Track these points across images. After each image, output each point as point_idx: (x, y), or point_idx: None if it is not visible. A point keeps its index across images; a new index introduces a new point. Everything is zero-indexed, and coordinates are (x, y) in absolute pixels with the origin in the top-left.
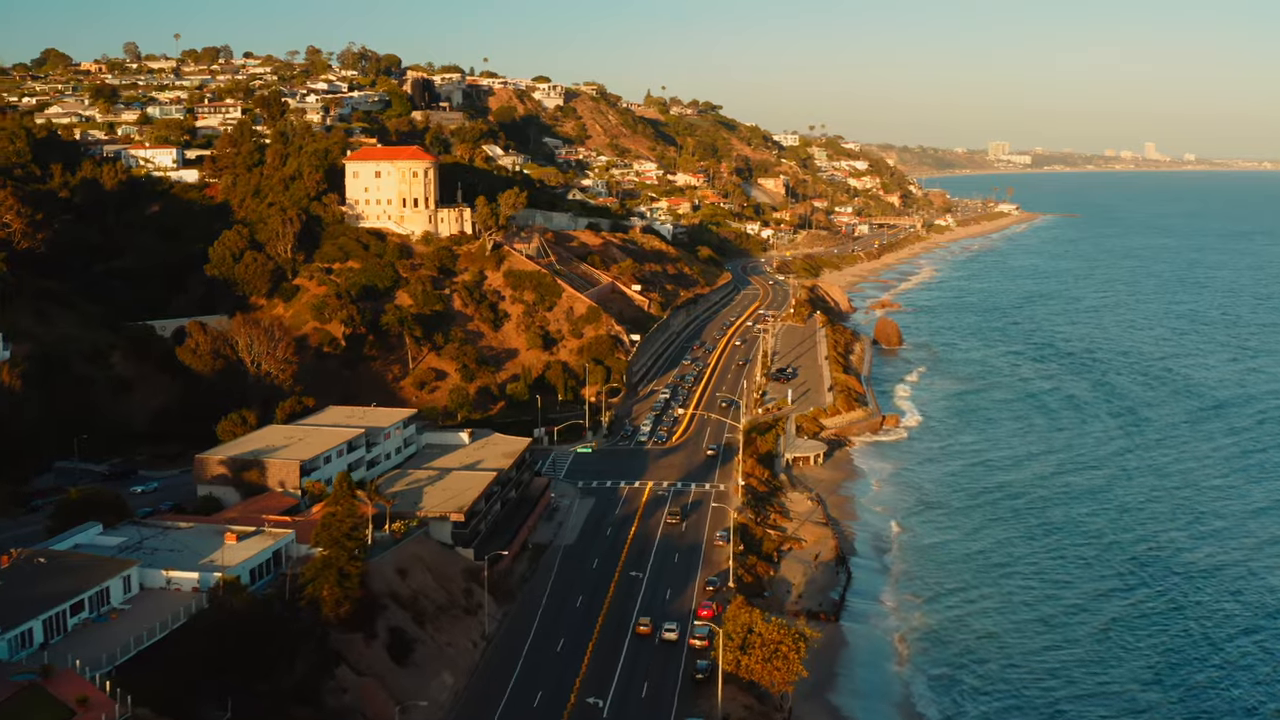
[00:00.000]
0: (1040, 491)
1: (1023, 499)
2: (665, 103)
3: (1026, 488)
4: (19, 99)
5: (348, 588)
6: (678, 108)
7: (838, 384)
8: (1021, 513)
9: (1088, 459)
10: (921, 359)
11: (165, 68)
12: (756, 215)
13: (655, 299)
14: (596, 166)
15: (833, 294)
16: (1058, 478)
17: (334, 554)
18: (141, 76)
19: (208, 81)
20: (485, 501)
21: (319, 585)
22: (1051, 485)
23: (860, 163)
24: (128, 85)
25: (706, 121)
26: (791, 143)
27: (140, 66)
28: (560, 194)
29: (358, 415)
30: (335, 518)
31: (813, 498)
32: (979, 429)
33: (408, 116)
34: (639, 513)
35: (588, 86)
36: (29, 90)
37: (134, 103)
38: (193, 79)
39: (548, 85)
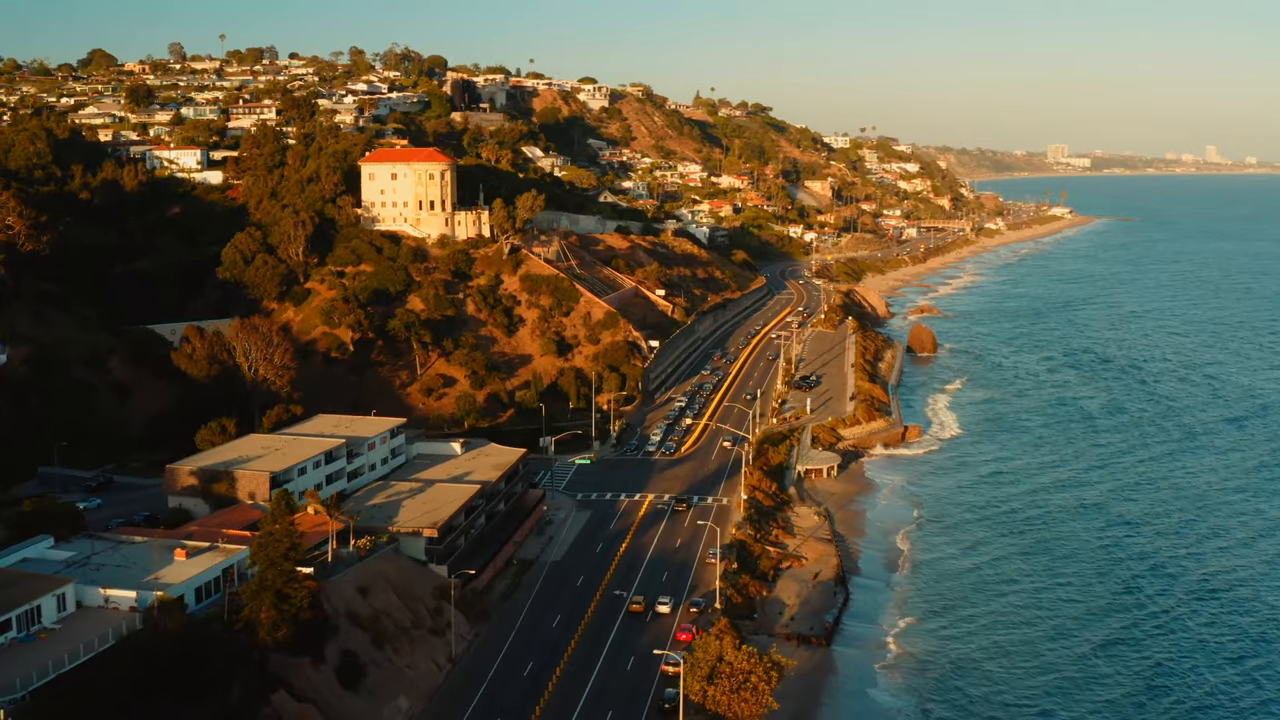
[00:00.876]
0: (1061, 508)
1: (1042, 516)
2: (714, 104)
3: (1047, 504)
4: (57, 99)
5: (285, 610)
6: (726, 109)
7: (860, 393)
8: (1039, 531)
9: (1115, 474)
10: (955, 366)
11: (208, 68)
12: (800, 218)
13: (680, 304)
14: (640, 168)
15: (870, 299)
16: (1080, 494)
17: (270, 575)
18: (183, 77)
19: (248, 82)
20: (465, 516)
21: (256, 607)
22: (1073, 502)
23: (911, 165)
24: (168, 86)
25: (755, 123)
26: (842, 145)
27: (184, 67)
28: (591, 196)
29: (344, 424)
30: (272, 537)
31: (820, 512)
32: (1005, 440)
33: (446, 118)
34: (633, 528)
35: (634, 88)
36: (69, 91)
37: (170, 103)
38: (233, 80)
39: (593, 87)
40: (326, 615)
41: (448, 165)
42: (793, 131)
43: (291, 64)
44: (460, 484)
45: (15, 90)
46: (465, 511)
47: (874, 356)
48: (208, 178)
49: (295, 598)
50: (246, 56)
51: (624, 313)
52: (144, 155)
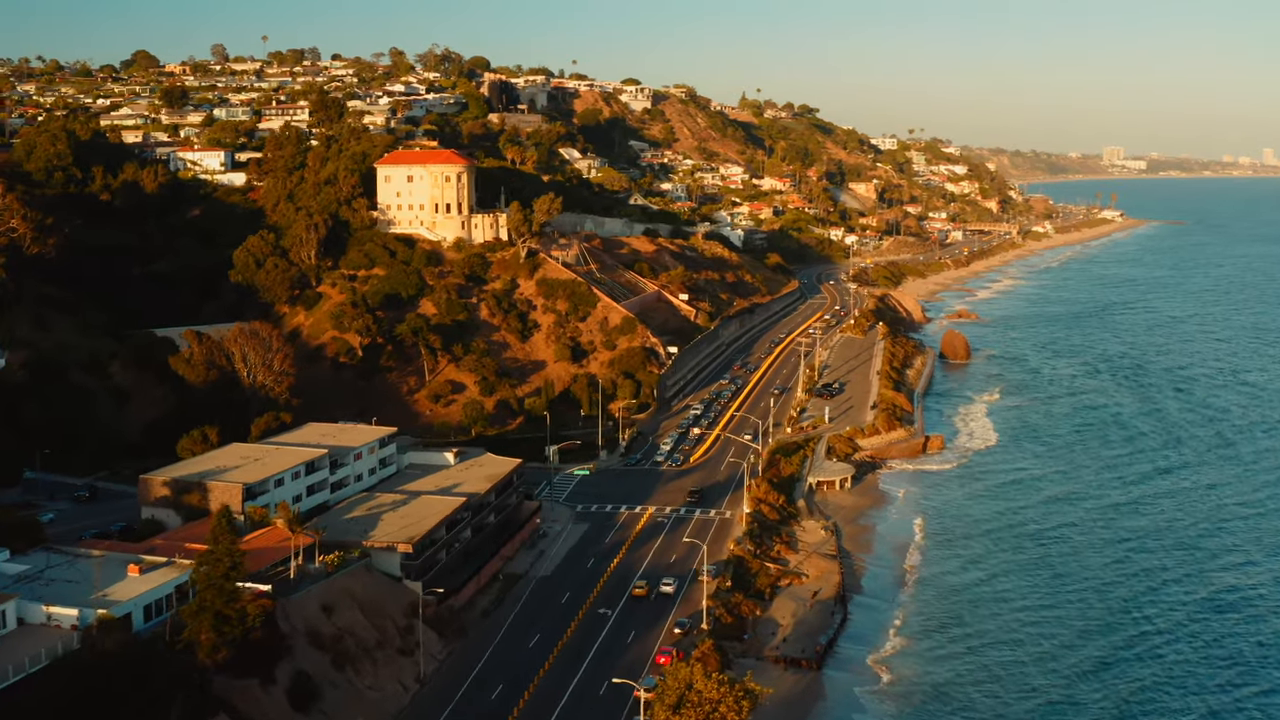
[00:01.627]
0: (1079, 524)
1: (1059, 532)
2: (759, 105)
3: (1065, 519)
4: (93, 100)
5: (226, 632)
6: (772, 111)
7: (882, 401)
8: (1053, 548)
9: (1139, 488)
10: (988, 373)
11: (248, 69)
12: (842, 221)
13: (704, 308)
14: (681, 170)
15: (905, 303)
16: (1100, 509)
17: (209, 596)
18: (221, 78)
19: (286, 83)
20: (447, 530)
21: (195, 628)
22: (1092, 517)
23: (959, 167)
24: (206, 87)
25: (801, 125)
26: (889, 146)
27: (224, 68)
28: (621, 199)
29: (334, 433)
30: (212, 556)
31: (827, 527)
32: (1030, 452)
33: (483, 119)
34: (628, 543)
35: (677, 89)
36: (106, 92)
37: (205, 105)
38: (271, 81)
39: (635, 88)
40: (282, 635)
41: (464, 168)
42: (839, 133)
43: (332, 65)
44: (446, 496)
45: (53, 91)
46: (447, 525)
47: (902, 363)
48: (232, 179)
49: (235, 619)
50: (287, 58)
51: (644, 318)
52: (168, 157)
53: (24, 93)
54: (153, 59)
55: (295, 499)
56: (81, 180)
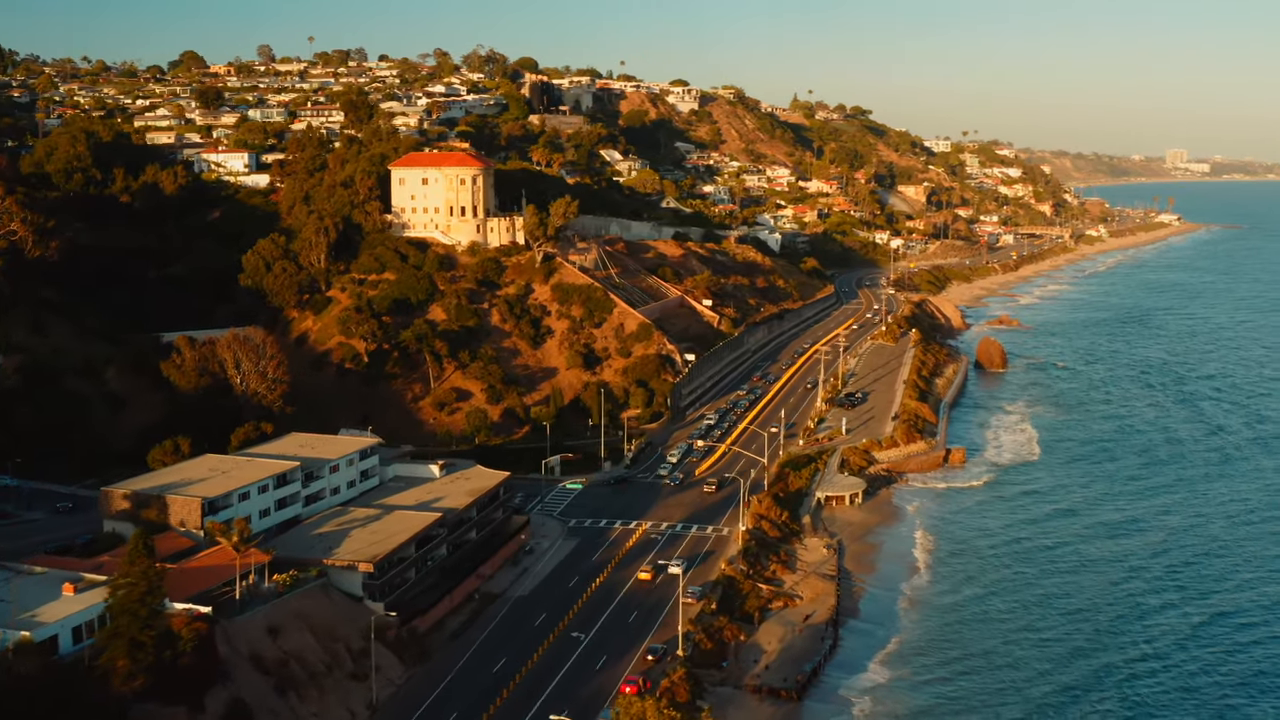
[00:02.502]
0: (1103, 550)
1: (1080, 560)
2: (810, 107)
3: (1088, 545)
4: (133, 101)
5: (141, 659)
6: (824, 112)
7: (904, 412)
8: (1072, 577)
9: (1173, 513)
10: (1023, 383)
11: (292, 70)
12: (889, 224)
13: (729, 314)
14: (727, 172)
15: (944, 309)
16: (1128, 533)
17: (124, 621)
18: (264, 79)
19: (327, 84)
20: (417, 547)
21: (111, 654)
22: (1118, 543)
23: (1013, 170)
24: (248, 88)
25: (853, 126)
26: (943, 149)
27: (268, 69)
28: (654, 201)
29: (314, 444)
30: (127, 580)
31: (830, 545)
32: (1060, 468)
33: (522, 120)
34: (615, 561)
35: (725, 90)
36: (147, 93)
37: (240, 106)
38: (313, 82)
39: (682, 89)
40: (220, 659)
41: (480, 170)
42: (892, 135)
43: (376, 66)
44: (420, 512)
45: (95, 92)
46: (418, 543)
47: (931, 372)
48: (255, 181)
49: (150, 645)
50: (332, 59)
51: (664, 324)
52: (193, 158)
53: (65, 93)
54: (200, 59)
55: (262, 513)
56: (101, 182)
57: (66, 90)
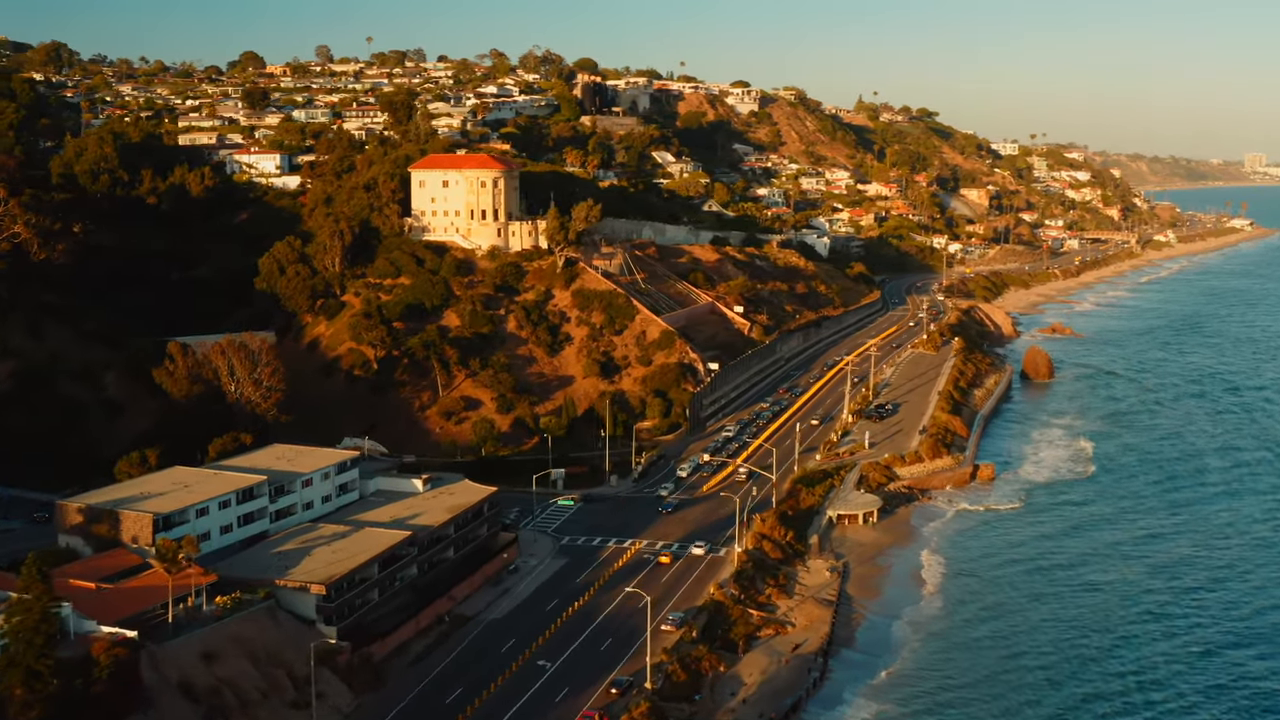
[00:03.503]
0: (1130, 578)
1: (1103, 591)
2: (875, 109)
3: (1113, 570)
4: (182, 101)
5: (39, 689)
6: (888, 114)
7: (933, 425)
8: (1091, 610)
9: (1200, 535)
10: (1069, 394)
11: (347, 71)
12: (948, 228)
13: (761, 321)
14: (785, 174)
15: (995, 316)
16: (1149, 557)
17: (19, 650)
18: (318, 80)
19: (379, 85)
20: (382, 567)
21: (6, 685)
22: (1151, 573)
23: (1082, 173)
24: (300, 88)
25: (917, 129)
26: (1010, 151)
27: (323, 70)
28: (697, 204)
29: (290, 457)
30: (23, 606)
31: (835, 568)
32: (1096, 487)
33: (572, 122)
34: (599, 582)
35: (786, 91)
36: (200, 93)
37: (287, 106)
38: (366, 83)
39: (742, 90)
40: (143, 687)
41: (501, 173)
42: (958, 138)
43: (432, 67)
44: (389, 530)
45: (149, 92)
46: (382, 562)
47: (970, 383)
48: (286, 183)
49: (48, 675)
50: (389, 59)
51: (690, 331)
52: (225, 159)
53: (118, 93)
54: (259, 60)
55: (224, 529)
56: (129, 183)
57: (119, 90)
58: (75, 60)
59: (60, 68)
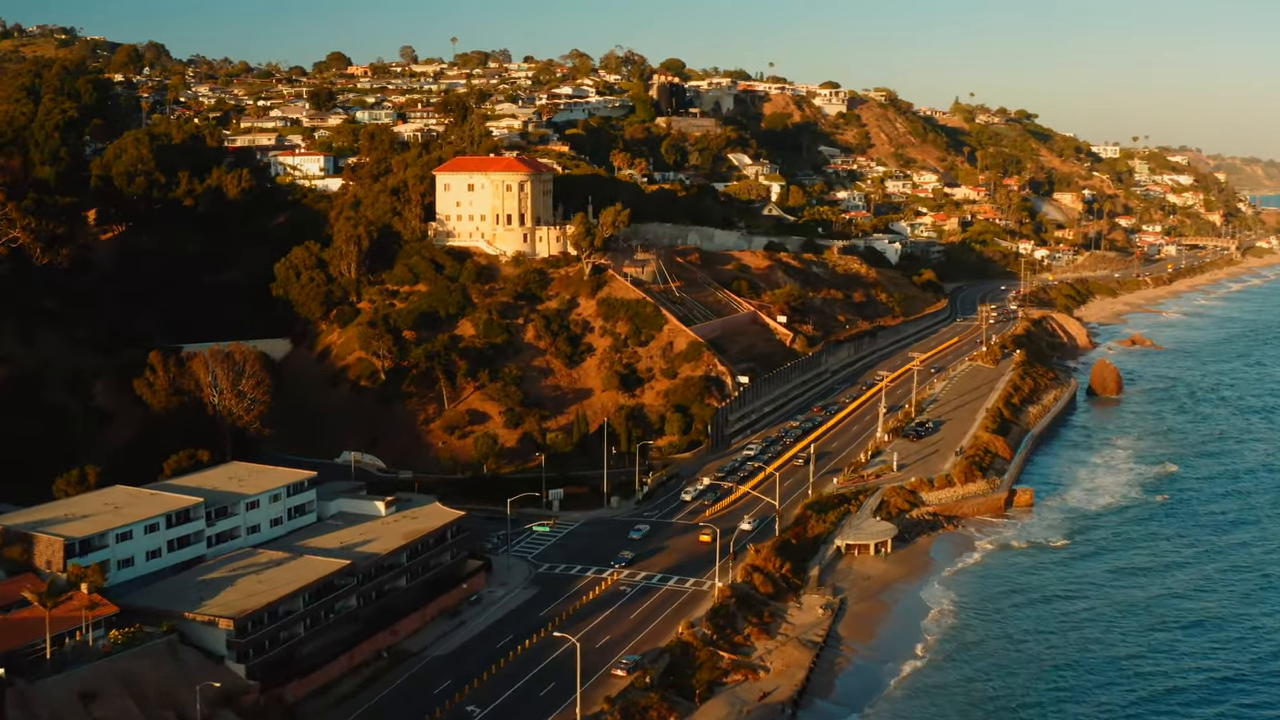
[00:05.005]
0: (1164, 638)
1: (1135, 652)
2: (971, 110)
3: (1150, 628)
4: (254, 101)
5: None
6: (985, 116)
7: (973, 445)
8: (1109, 658)
9: (1253, 586)
10: (1137, 412)
11: (428, 72)
12: (1036, 233)
13: (806, 332)
14: (870, 177)
15: (1069, 327)
16: (1186, 609)
17: None
18: (396, 80)
19: (454, 85)
20: (313, 598)
21: None
22: (1186, 633)
23: (1184, 177)
24: (376, 89)
25: (1014, 131)
26: (1111, 154)
27: (404, 70)
28: (757, 207)
29: (242, 476)
30: None
31: (829, 604)
32: (1148, 520)
33: (646, 123)
34: (563, 616)
35: (876, 93)
36: (276, 94)
37: (354, 107)
38: (444, 83)
39: (830, 91)
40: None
41: (527, 176)
42: (1057, 140)
43: (515, 67)
44: (329, 558)
45: (223, 92)
46: (315, 592)
47: (1025, 399)
48: (328, 185)
49: None
50: (471, 59)
51: (725, 342)
52: (270, 161)
53: (193, 94)
54: (345, 60)
55: (151, 554)
56: (165, 185)
57: (195, 91)
58: (158, 60)
59: (140, 68)
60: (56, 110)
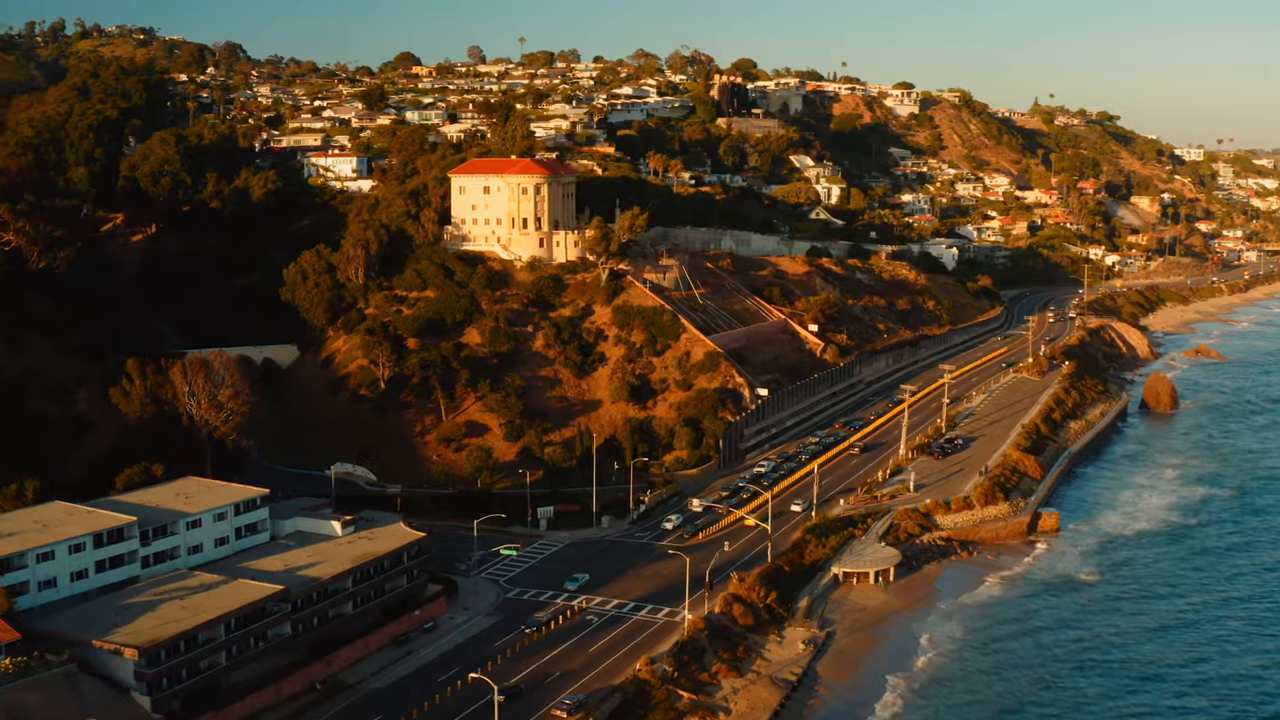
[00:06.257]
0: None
1: (1136, 689)
2: (1050, 112)
3: (1162, 679)
4: (311, 101)
5: None
6: (1064, 117)
7: (1000, 465)
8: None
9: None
10: (1190, 430)
11: (492, 72)
12: (1108, 239)
13: (839, 341)
14: (940, 180)
15: (1129, 337)
16: (1199, 658)
17: None
18: (458, 80)
19: (514, 86)
20: (238, 625)
21: None
22: (1206, 686)
23: (1270, 180)
24: (437, 89)
25: (1094, 133)
26: (1195, 157)
27: (469, 70)
28: (803, 211)
29: (187, 493)
30: None
31: (813, 639)
32: (1179, 549)
33: (706, 124)
34: (515, 648)
35: (950, 93)
36: (336, 94)
37: (408, 107)
38: (505, 84)
39: (902, 92)
40: None
41: (544, 178)
42: (1139, 143)
43: (581, 67)
44: (262, 583)
45: (283, 91)
46: (243, 619)
47: (1067, 413)
48: (360, 186)
49: None
50: (537, 59)
51: (750, 352)
52: (302, 162)
53: (252, 94)
54: (411, 60)
55: (77, 575)
56: (191, 187)
57: (256, 91)
58: (231, 61)
59: (204, 68)
60: (91, 111)
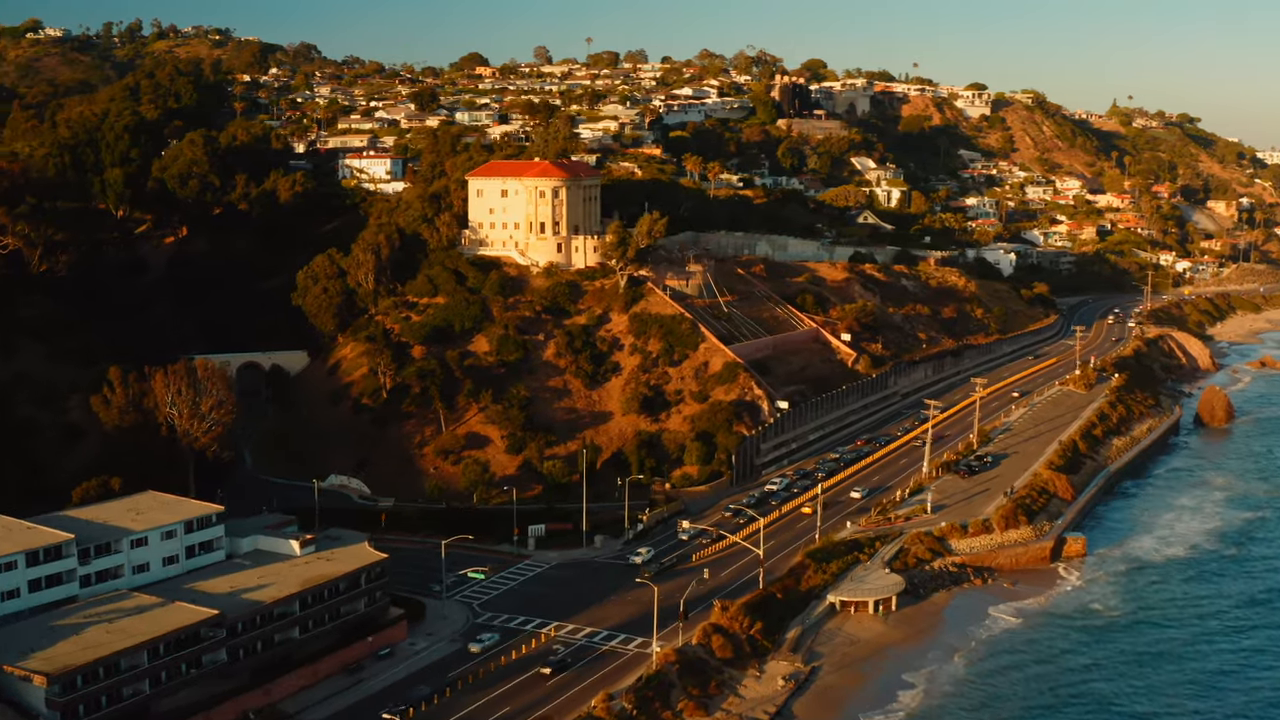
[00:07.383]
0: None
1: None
2: (1128, 114)
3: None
4: (367, 102)
5: None
6: (1142, 119)
7: (1027, 485)
8: None
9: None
10: (1244, 447)
11: (555, 72)
12: (1180, 244)
13: (873, 351)
14: (1010, 183)
15: (1190, 347)
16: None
17: None
18: (520, 80)
19: (574, 87)
20: (165, 651)
21: None
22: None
23: None
24: (497, 89)
25: (1173, 135)
26: (1277, 160)
27: (533, 71)
28: (851, 215)
29: (138, 508)
30: None
31: (795, 674)
32: (1219, 579)
33: (765, 125)
34: (468, 678)
35: (1023, 95)
36: (393, 94)
37: (460, 108)
38: (565, 84)
39: (973, 93)
40: None
41: (562, 181)
42: (1220, 146)
43: (647, 68)
44: (195, 607)
45: (341, 92)
46: (172, 644)
47: (1111, 429)
48: (394, 188)
49: None
50: (602, 60)
51: (776, 362)
52: (337, 164)
53: (310, 95)
54: (477, 60)
55: (8, 594)
56: (220, 188)
57: (316, 91)
58: (303, 62)
59: (266, 69)
60: (127, 112)
